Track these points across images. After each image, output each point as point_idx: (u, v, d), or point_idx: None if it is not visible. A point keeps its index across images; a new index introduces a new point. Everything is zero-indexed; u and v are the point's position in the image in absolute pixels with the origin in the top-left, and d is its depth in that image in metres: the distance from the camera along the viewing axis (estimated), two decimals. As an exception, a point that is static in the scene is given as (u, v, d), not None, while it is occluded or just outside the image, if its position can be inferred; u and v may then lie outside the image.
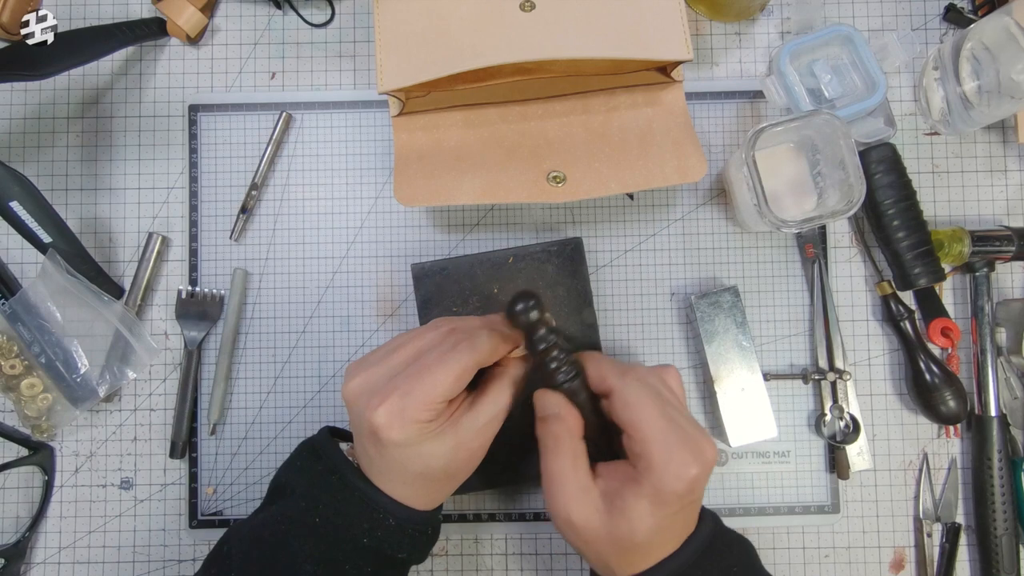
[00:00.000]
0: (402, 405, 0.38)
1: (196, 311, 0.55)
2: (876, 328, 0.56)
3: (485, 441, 0.41)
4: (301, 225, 0.57)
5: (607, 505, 0.38)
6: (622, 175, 0.49)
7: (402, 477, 0.40)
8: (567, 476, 0.39)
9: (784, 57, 0.53)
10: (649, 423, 0.38)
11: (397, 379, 0.39)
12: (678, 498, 0.37)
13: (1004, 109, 0.51)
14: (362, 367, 0.41)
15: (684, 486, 0.37)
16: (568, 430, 0.40)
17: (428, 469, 0.39)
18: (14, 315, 0.52)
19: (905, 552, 0.55)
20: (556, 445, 0.40)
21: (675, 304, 0.56)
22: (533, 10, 0.49)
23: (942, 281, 0.54)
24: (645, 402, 0.38)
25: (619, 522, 0.37)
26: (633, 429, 0.38)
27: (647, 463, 0.37)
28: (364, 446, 0.40)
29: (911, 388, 0.54)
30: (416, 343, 0.41)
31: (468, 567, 0.55)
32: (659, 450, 0.37)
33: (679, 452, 0.37)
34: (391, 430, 0.38)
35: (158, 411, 0.56)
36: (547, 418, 0.41)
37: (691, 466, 0.37)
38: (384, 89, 0.49)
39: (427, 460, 0.39)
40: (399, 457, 0.39)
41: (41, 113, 0.57)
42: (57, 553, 0.55)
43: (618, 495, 0.38)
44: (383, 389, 0.39)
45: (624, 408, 0.39)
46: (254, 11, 0.58)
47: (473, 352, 0.39)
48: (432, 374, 0.38)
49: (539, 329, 0.39)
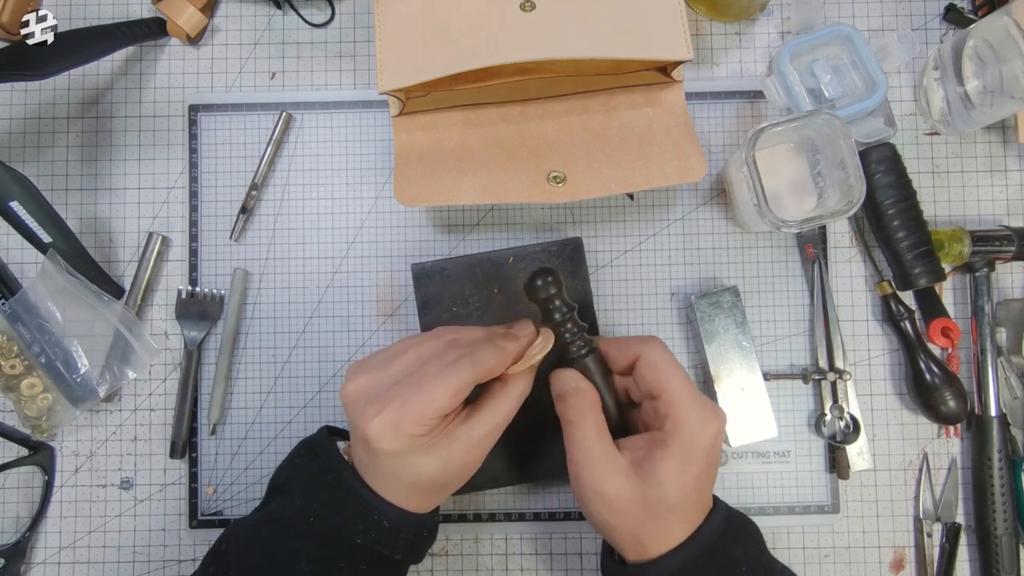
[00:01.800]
0: (397, 417, 0.37)
1: (196, 311, 0.55)
2: (876, 328, 0.56)
3: (480, 455, 0.41)
4: (301, 225, 0.56)
5: (636, 472, 0.40)
6: (622, 175, 0.49)
7: (394, 483, 0.40)
8: (594, 448, 0.40)
9: (784, 57, 0.53)
10: (677, 383, 0.40)
11: (395, 389, 0.39)
12: (705, 454, 0.39)
13: (1006, 109, 0.51)
14: (362, 371, 0.41)
15: (710, 440, 0.39)
16: (590, 403, 0.42)
17: (419, 479, 0.40)
18: (14, 315, 0.52)
19: (905, 552, 0.55)
20: (580, 418, 0.41)
21: (675, 304, 0.56)
22: (533, 10, 0.49)
23: (942, 281, 0.54)
24: (672, 365, 0.41)
25: (651, 485, 0.39)
26: (661, 389, 0.41)
27: (675, 422, 0.40)
28: (358, 450, 0.41)
29: (911, 388, 0.54)
30: (417, 351, 0.41)
31: (468, 567, 0.55)
32: (687, 408, 0.40)
33: (702, 410, 0.40)
34: (383, 440, 0.38)
35: (158, 411, 0.56)
36: (566, 394, 0.42)
37: (713, 422, 0.40)
38: (384, 89, 0.49)
39: (418, 471, 0.39)
40: (391, 465, 0.39)
41: (41, 113, 0.57)
42: (57, 553, 0.55)
43: (646, 460, 0.40)
44: (380, 398, 0.38)
45: (652, 371, 0.41)
46: (254, 11, 0.58)
47: (473, 368, 0.39)
48: (431, 388, 0.38)
49: (555, 300, 0.42)
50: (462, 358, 0.39)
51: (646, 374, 0.42)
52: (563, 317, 0.43)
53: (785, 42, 0.53)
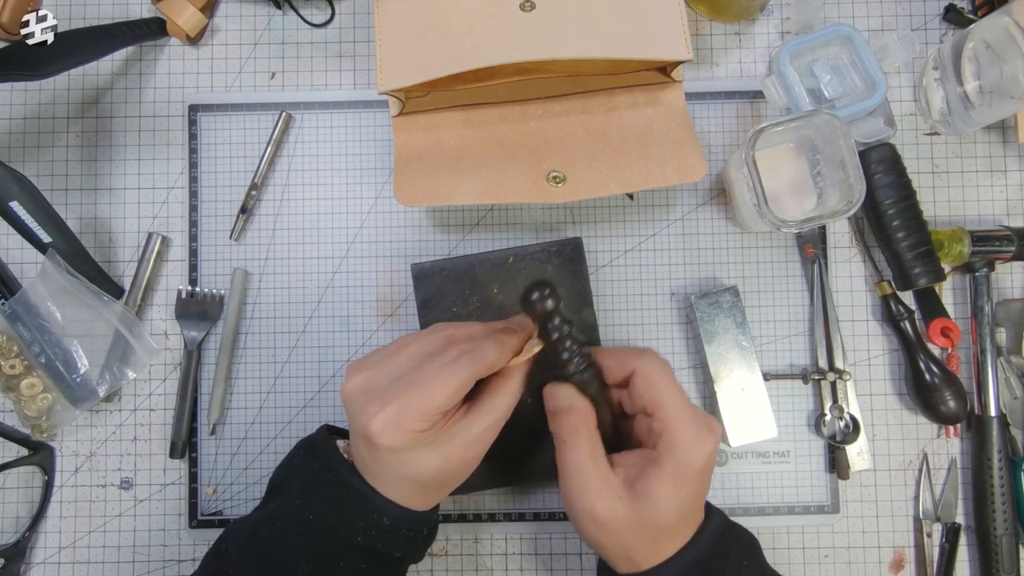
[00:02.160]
0: (398, 414, 0.37)
1: (196, 311, 0.55)
2: (876, 328, 0.56)
3: (479, 451, 0.41)
4: (301, 225, 0.57)
5: (629, 492, 0.39)
6: (622, 175, 0.49)
7: (394, 480, 0.40)
8: (587, 469, 0.39)
9: (784, 57, 0.53)
10: (672, 401, 0.40)
11: (396, 385, 0.39)
12: (698, 474, 0.39)
13: (1005, 109, 0.51)
14: (362, 368, 0.41)
15: (704, 460, 0.39)
16: (584, 421, 0.41)
17: (419, 475, 0.40)
18: (14, 315, 0.52)
19: (905, 552, 0.55)
20: (574, 436, 0.40)
21: (675, 304, 0.56)
22: (533, 10, 0.49)
23: (942, 281, 0.54)
24: (668, 381, 0.40)
25: (644, 506, 0.38)
26: (656, 407, 0.40)
27: (669, 442, 0.39)
28: (358, 447, 0.41)
29: (911, 388, 0.54)
30: (417, 347, 0.41)
31: (468, 567, 0.55)
32: (681, 428, 0.39)
33: (697, 427, 0.39)
34: (384, 436, 0.38)
35: (158, 411, 0.56)
36: (560, 411, 0.41)
37: (707, 441, 0.39)
38: (384, 89, 0.49)
39: (419, 467, 0.39)
40: (391, 461, 0.39)
41: (41, 113, 0.57)
42: (57, 553, 0.55)
43: (639, 480, 0.39)
44: (381, 395, 0.38)
45: (647, 388, 0.40)
46: (254, 11, 0.58)
47: (474, 365, 0.39)
48: (431, 385, 0.38)
49: (554, 318, 0.40)
50: (464, 354, 0.39)
51: (642, 390, 0.41)
52: (561, 335, 0.40)
53: (785, 42, 0.53)
